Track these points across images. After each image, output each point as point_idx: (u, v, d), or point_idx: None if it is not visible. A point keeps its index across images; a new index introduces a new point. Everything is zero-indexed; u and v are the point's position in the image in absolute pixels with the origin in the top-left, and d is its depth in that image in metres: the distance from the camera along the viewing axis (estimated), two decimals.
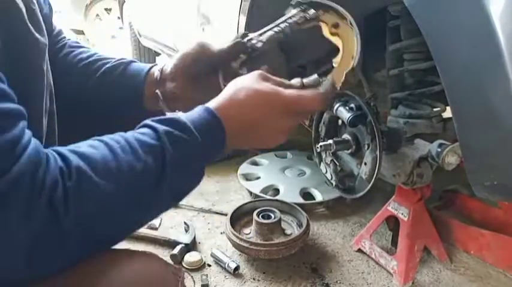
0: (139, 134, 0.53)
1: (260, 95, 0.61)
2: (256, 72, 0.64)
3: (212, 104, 0.60)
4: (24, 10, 0.54)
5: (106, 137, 0.52)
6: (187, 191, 0.58)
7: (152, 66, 0.81)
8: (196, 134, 0.55)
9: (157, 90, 0.78)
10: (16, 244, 0.43)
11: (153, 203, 0.54)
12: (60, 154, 0.47)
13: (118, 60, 0.82)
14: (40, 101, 0.60)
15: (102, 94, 0.80)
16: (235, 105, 0.60)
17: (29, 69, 0.56)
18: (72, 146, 0.50)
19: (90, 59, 0.82)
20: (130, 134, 0.53)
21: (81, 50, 0.84)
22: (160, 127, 0.53)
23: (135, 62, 0.83)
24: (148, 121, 0.55)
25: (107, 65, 0.81)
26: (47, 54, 0.61)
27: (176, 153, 0.53)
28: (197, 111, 0.58)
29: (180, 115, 0.57)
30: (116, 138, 0.52)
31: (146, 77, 0.79)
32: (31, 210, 0.42)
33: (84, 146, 0.50)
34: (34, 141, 0.46)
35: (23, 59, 0.54)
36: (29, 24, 0.55)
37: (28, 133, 0.46)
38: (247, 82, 0.62)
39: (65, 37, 0.85)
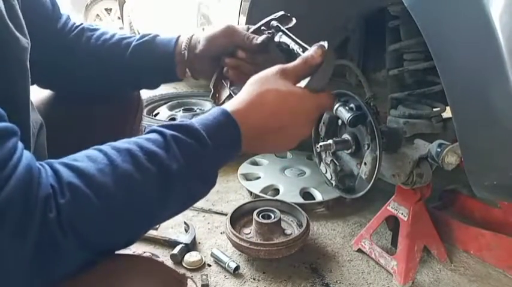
0: (145, 140, 0.51)
1: (282, 100, 0.58)
2: (276, 69, 0.61)
3: (230, 106, 0.57)
4: (2, 5, 0.50)
5: (106, 146, 0.50)
6: (198, 197, 0.56)
7: (178, 39, 0.84)
8: (207, 139, 0.52)
9: (187, 69, 0.84)
10: (12, 264, 0.42)
11: (158, 212, 0.52)
12: (53, 169, 0.46)
13: (142, 36, 0.85)
14: (26, 102, 0.58)
15: (136, 69, 0.84)
16: (254, 108, 0.57)
17: (11, 70, 0.54)
18: (68, 159, 0.48)
19: (114, 39, 0.84)
20: (134, 141, 0.50)
21: (101, 31, 0.86)
22: (169, 133, 0.51)
23: (158, 36, 0.86)
24: (157, 126, 0.53)
25: (134, 43, 0.83)
26: (28, 54, 0.58)
27: (184, 160, 0.50)
28: (212, 114, 0.55)
29: (196, 120, 0.54)
30: (117, 147, 0.49)
31: (175, 51, 0.83)
32: (25, 229, 0.41)
33: (80, 158, 0.48)
34: (26, 157, 0.44)
35: (2, 60, 0.52)
36: (8, 22, 0.52)
37: (19, 150, 0.44)
38: (268, 81, 0.59)
39: (75, 22, 0.87)
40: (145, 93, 2.68)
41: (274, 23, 0.79)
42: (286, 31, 0.77)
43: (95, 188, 0.45)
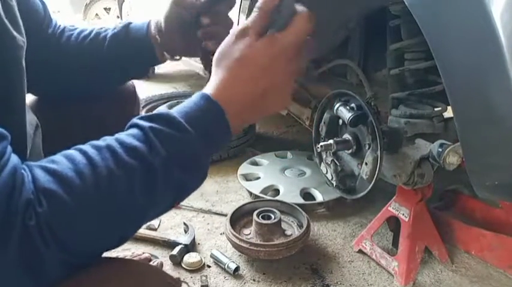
0: (125, 136, 0.49)
1: (252, 63, 0.54)
2: (234, 34, 0.56)
3: (207, 89, 0.55)
4: (0, 7, 0.51)
5: (87, 145, 0.48)
6: (189, 188, 0.54)
7: (149, 23, 0.86)
8: (189, 128, 0.50)
9: (164, 52, 0.86)
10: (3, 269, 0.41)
11: (145, 208, 0.50)
12: (32, 173, 0.44)
13: (116, 26, 0.88)
14: (22, 103, 0.59)
15: (117, 59, 0.86)
16: (231, 84, 0.55)
17: (8, 67, 0.54)
18: (47, 160, 0.47)
19: (93, 34, 0.87)
20: (115, 137, 0.49)
21: (80, 29, 0.89)
22: (147, 125, 0.49)
23: (131, 23, 0.88)
24: (136, 120, 0.51)
25: (110, 34, 0.86)
26: (24, 52, 0.59)
27: (166, 151, 0.48)
28: (193, 101, 0.53)
29: (174, 109, 0.52)
30: (96, 145, 0.48)
31: (149, 35, 0.85)
32: (7, 237, 0.40)
33: (59, 160, 0.46)
34: (12, 162, 0.43)
35: (1, 58, 0.52)
36: (6, 21, 0.52)
37: (7, 154, 0.44)
38: (229, 50, 0.56)
39: (60, 25, 0.89)
40: (145, 93, 2.68)
41: None
42: None
43: (72, 192, 0.43)
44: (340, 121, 1.26)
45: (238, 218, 1.46)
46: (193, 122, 0.51)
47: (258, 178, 1.86)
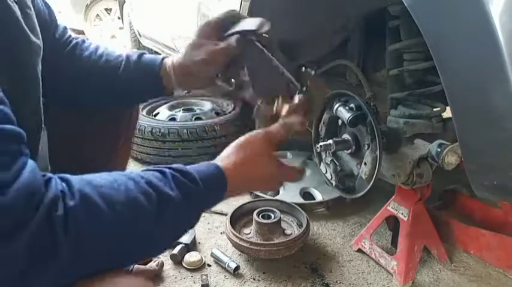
0: (147, 173, 0.57)
1: (265, 169, 0.71)
2: (260, 135, 0.72)
3: (221, 162, 0.67)
4: (19, 14, 0.55)
5: (112, 173, 0.54)
6: (183, 229, 0.63)
7: (163, 59, 0.89)
8: (201, 184, 0.60)
9: (174, 88, 0.90)
10: (9, 256, 0.42)
11: (150, 239, 0.56)
12: (63, 178, 0.49)
13: (130, 55, 0.90)
14: (37, 103, 0.61)
15: (128, 86, 0.90)
16: (240, 169, 0.67)
17: (25, 71, 0.58)
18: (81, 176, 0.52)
19: (107, 56, 0.89)
20: (137, 173, 0.57)
21: (94, 46, 0.91)
22: (168, 171, 0.58)
23: (144, 53, 0.91)
24: (159, 167, 0.60)
25: (125, 58, 0.89)
26: (40, 57, 0.63)
27: (179, 192, 0.57)
28: (206, 165, 0.65)
29: (192, 167, 0.62)
30: (124, 174, 0.55)
31: (160, 70, 0.88)
32: (24, 224, 0.42)
33: (89, 175, 0.52)
34: (30, 165, 0.46)
35: (19, 61, 0.56)
36: (25, 27, 0.56)
37: (25, 155, 0.47)
38: (253, 147, 0.70)
39: (71, 35, 0.90)
40: None
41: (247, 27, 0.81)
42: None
43: (106, 199, 0.49)
44: (340, 121, 1.26)
45: (239, 218, 1.47)
46: (203, 179, 0.61)
47: None
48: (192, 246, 1.41)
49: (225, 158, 0.68)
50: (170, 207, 0.56)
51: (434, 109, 1.15)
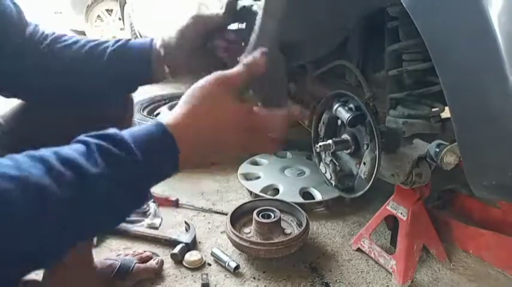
0: (66, 148, 0.46)
1: (218, 113, 0.56)
2: (215, 80, 0.58)
3: (169, 119, 0.54)
4: None
5: (21, 154, 0.44)
6: (125, 211, 0.51)
7: (152, 39, 0.86)
8: (137, 152, 0.49)
9: (165, 66, 0.84)
10: None
11: (68, 231, 0.44)
12: None
13: (116, 41, 0.86)
14: None
15: (115, 74, 0.84)
16: (190, 122, 0.54)
17: None
18: None
19: (89, 46, 0.84)
20: (53, 149, 0.46)
21: (74, 39, 0.86)
22: (93, 141, 0.48)
23: (130, 39, 0.87)
24: (83, 136, 0.49)
25: (110, 48, 0.84)
26: None
27: (108, 168, 0.46)
28: (147, 127, 0.52)
29: (126, 131, 0.51)
30: (32, 154, 0.44)
31: (151, 53, 0.84)
32: None
33: None
34: None
35: None
36: None
37: None
38: (205, 93, 0.57)
39: (44, 31, 0.86)
40: (146, 94, 2.69)
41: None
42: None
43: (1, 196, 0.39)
44: (339, 121, 1.27)
45: (239, 217, 1.48)
46: (142, 146, 0.49)
47: (258, 178, 1.87)
48: (192, 245, 1.42)
49: (170, 114, 0.55)
50: (95, 187, 0.45)
51: (433, 109, 1.15)
